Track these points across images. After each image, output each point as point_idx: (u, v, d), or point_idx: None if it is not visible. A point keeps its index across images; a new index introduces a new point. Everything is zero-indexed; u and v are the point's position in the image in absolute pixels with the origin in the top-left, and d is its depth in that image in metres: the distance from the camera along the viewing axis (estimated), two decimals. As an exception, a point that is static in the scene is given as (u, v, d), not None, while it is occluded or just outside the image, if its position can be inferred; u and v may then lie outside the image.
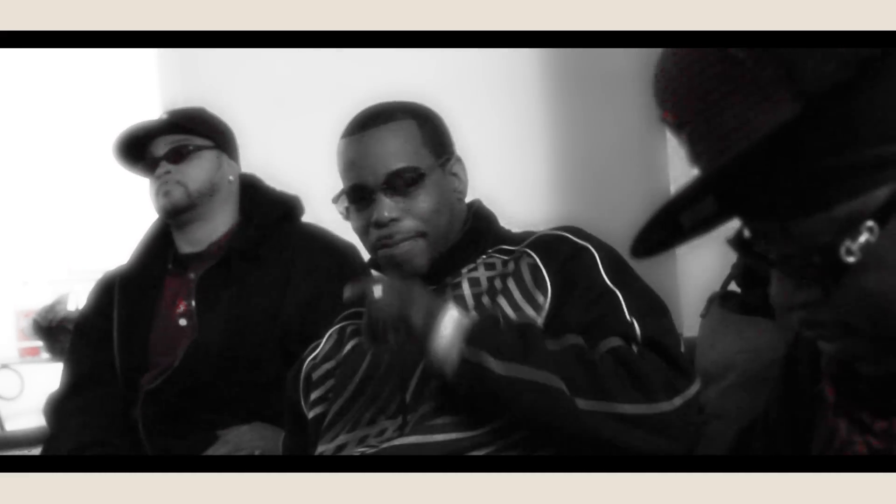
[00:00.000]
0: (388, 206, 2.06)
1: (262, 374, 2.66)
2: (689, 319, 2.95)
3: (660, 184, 3.82)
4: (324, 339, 2.21)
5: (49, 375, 3.14)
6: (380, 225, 2.07)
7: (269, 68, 3.58)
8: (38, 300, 4.21)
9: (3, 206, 4.47)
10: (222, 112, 2.95)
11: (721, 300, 2.77)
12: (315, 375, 2.16)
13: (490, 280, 2.06)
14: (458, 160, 2.18)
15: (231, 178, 2.87)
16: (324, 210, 2.67)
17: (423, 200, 2.08)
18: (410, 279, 2.06)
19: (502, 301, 2.01)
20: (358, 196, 2.09)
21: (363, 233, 2.11)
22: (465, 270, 2.10)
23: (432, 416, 1.95)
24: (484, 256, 2.11)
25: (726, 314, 2.72)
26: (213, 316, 2.73)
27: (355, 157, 2.09)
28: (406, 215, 2.07)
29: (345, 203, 2.11)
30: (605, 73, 3.82)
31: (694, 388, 1.92)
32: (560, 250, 2.04)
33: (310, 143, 3.05)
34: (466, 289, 2.07)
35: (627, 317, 1.97)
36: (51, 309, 4.08)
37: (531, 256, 2.04)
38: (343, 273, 2.68)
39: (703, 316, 2.81)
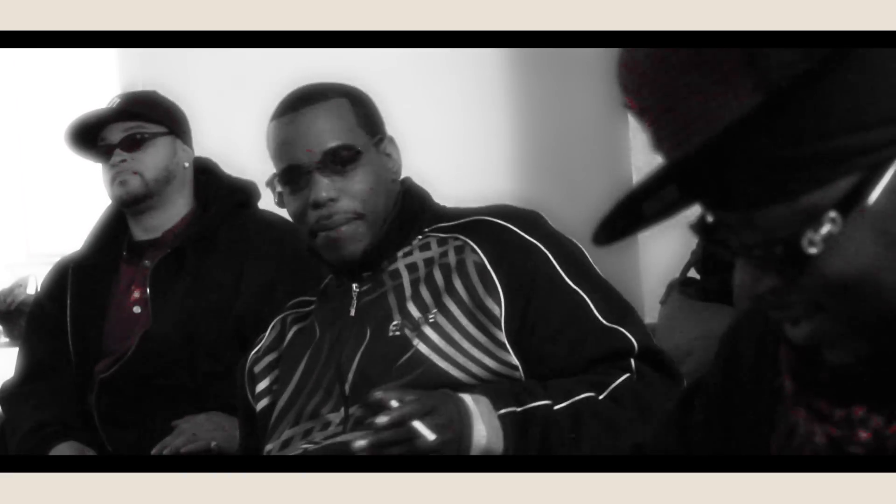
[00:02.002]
0: (324, 186, 1.99)
1: (218, 363, 2.63)
2: (649, 306, 2.95)
3: (621, 167, 3.82)
4: (267, 331, 2.18)
5: (8, 360, 3.12)
6: (318, 205, 1.99)
7: (228, 51, 3.54)
8: (-3, 284, 4.18)
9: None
10: (181, 96, 2.92)
11: (680, 286, 2.78)
12: (257, 369, 2.14)
13: (427, 263, 2.01)
14: (391, 140, 2.11)
15: (186, 164, 2.83)
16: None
17: (360, 181, 2.01)
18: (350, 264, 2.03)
19: (451, 304, 1.96)
20: (293, 177, 2.02)
21: (300, 216, 2.03)
22: (400, 254, 2.04)
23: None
24: (419, 237, 2.05)
25: (685, 300, 2.73)
26: (168, 304, 2.70)
27: (288, 137, 2.02)
28: (343, 195, 2.00)
29: (278, 188, 2.05)
30: (569, 56, 3.81)
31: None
32: (508, 249, 1.98)
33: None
34: (405, 276, 2.02)
35: (601, 321, 1.93)
36: (10, 293, 4.05)
37: (476, 253, 1.98)
38: (298, 260, 2.67)
39: (662, 303, 2.81)
